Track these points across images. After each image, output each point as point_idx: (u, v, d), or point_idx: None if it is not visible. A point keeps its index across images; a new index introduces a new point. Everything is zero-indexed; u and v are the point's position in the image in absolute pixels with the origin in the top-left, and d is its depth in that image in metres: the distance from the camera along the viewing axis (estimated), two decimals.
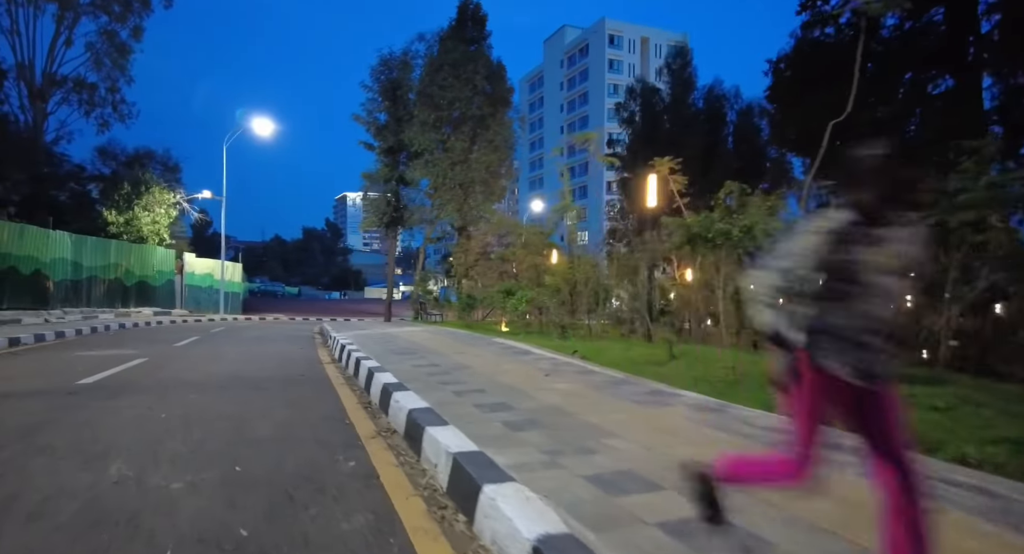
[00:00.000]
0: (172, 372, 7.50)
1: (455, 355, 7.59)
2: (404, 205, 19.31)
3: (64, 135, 29.88)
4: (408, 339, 10.46)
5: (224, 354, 10.09)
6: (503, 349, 8.19)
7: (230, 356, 9.79)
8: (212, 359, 9.13)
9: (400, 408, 4.42)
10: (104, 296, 23.18)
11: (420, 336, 11.11)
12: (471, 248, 18.21)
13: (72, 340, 12.78)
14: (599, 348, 8.21)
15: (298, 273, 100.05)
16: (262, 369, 7.92)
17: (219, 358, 9.33)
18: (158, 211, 27.47)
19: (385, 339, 10.76)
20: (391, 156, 19.34)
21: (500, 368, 6.24)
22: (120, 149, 30.61)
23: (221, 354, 10.07)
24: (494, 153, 18.57)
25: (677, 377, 5.74)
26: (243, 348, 11.32)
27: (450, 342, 9.68)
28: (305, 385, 6.48)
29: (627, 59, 73.77)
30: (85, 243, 22.20)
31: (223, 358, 9.36)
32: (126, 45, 30.74)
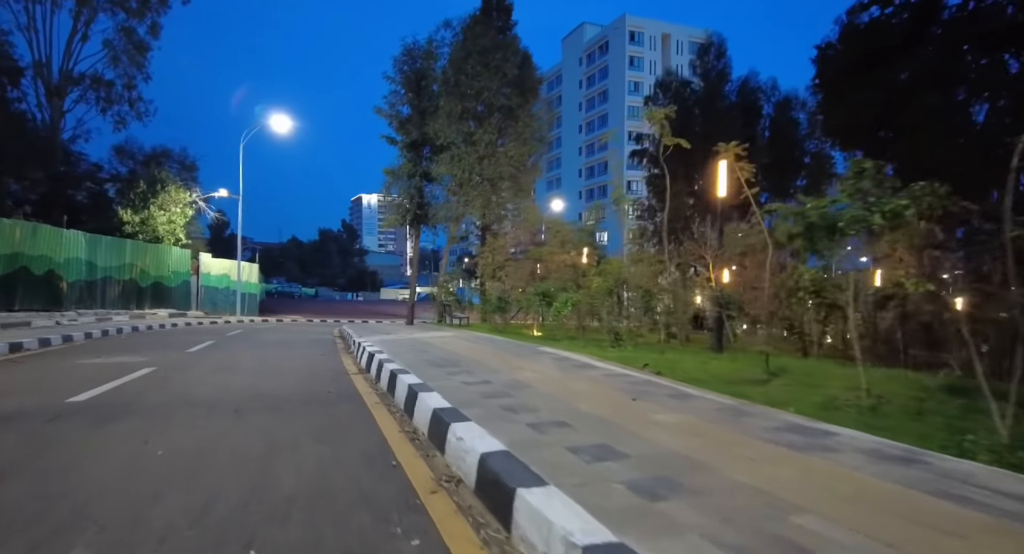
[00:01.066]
0: (180, 386, 6.52)
1: (506, 369, 6.50)
2: (428, 202, 18.31)
3: (81, 134, 29.49)
4: (442, 346, 9.41)
5: (240, 362, 9.13)
6: (558, 361, 7.09)
7: (246, 365, 8.82)
8: (226, 369, 8.16)
9: (465, 449, 3.35)
10: (119, 297, 22.53)
11: (455, 343, 10.06)
12: (498, 247, 17.16)
13: (80, 345, 11.95)
14: (668, 361, 7.09)
15: (315, 274, 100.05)
16: (282, 382, 6.92)
17: (234, 368, 8.36)
18: (174, 210, 26.86)
19: (416, 346, 9.72)
20: (414, 151, 18.35)
21: (570, 388, 5.14)
22: (137, 148, 30.11)
23: (236, 362, 9.11)
24: (523, 146, 17.48)
25: (796, 401, 4.60)
26: (260, 355, 10.36)
27: (492, 351, 8.60)
28: (334, 406, 5.45)
29: (648, 56, 72.30)
30: (100, 243, 21.55)
31: (239, 368, 8.38)
32: (144, 42, 30.26)
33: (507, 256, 16.83)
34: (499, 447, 3.22)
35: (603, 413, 4.10)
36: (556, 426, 3.78)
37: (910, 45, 17.73)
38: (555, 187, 74.94)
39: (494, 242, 17.62)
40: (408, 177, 17.70)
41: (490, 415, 4.13)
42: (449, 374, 5.98)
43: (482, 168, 16.84)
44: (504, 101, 16.81)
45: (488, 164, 16.91)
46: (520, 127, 17.29)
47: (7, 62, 25.80)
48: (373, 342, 10.27)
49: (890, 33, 18.14)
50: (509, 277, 16.10)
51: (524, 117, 17.37)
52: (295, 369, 8.38)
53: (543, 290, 11.89)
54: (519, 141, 17.38)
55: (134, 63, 29.88)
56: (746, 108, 26.46)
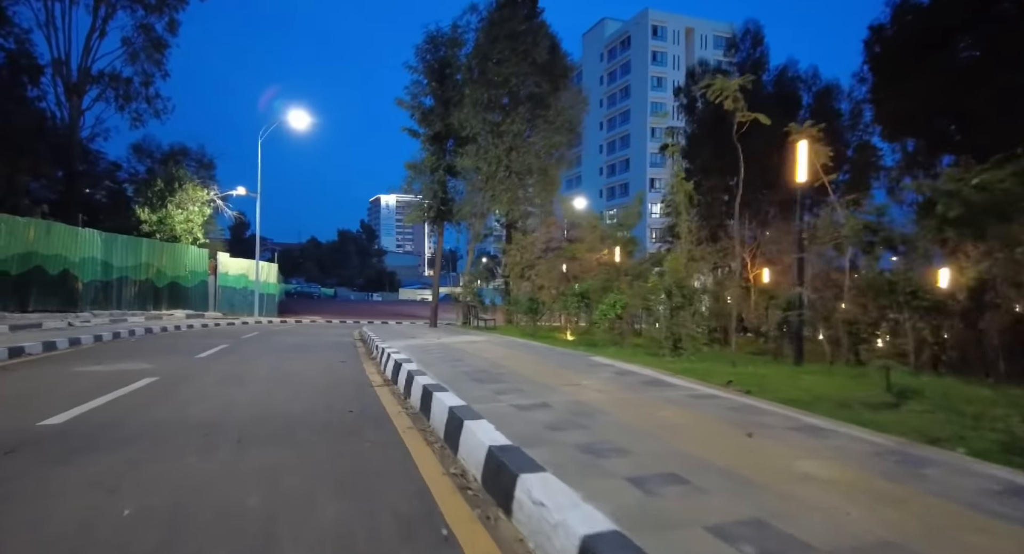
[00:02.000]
0: (179, 403, 5.59)
1: (562, 385, 5.43)
2: (451, 198, 17.34)
3: (100, 132, 29.11)
4: (477, 354, 8.39)
5: (252, 371, 8.22)
6: (620, 376, 5.99)
7: (259, 374, 7.91)
8: (236, 380, 7.24)
9: (551, 522, 2.31)
10: (135, 298, 21.99)
11: (489, 349, 9.03)
12: (527, 244, 16.12)
13: (87, 349, 11.19)
14: (750, 375, 5.96)
15: (334, 274, 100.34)
16: (297, 397, 5.95)
17: (245, 378, 7.44)
18: (191, 209, 26.33)
19: (447, 354, 8.71)
20: (437, 143, 17.38)
21: (655, 417, 4.05)
22: (155, 146, 29.72)
23: (249, 371, 8.20)
24: (553, 136, 16.39)
25: (960, 438, 3.48)
26: (275, 362, 9.45)
27: (535, 360, 7.53)
28: (359, 433, 4.45)
29: (671, 51, 70.65)
30: (115, 242, 21.01)
31: (250, 377, 7.46)
32: (162, 39, 29.82)
33: (538, 254, 15.79)
34: (605, 525, 2.17)
35: (722, 459, 3.02)
36: (669, 482, 2.70)
37: (976, 23, 16.28)
38: (575, 185, 73.63)
39: (522, 239, 16.58)
40: (431, 171, 16.73)
41: (567, 460, 3.08)
42: (496, 393, 4.93)
43: (509, 160, 15.78)
44: (533, 88, 15.73)
45: (516, 156, 15.84)
46: (550, 116, 16.20)
47: (27, 60, 25.52)
48: (398, 348, 9.29)
49: (952, 11, 16.68)
50: (539, 276, 15.03)
51: (554, 106, 16.29)
52: (312, 379, 7.42)
53: (583, 290, 10.78)
54: (549, 131, 16.29)
55: (152, 60, 29.45)
56: (784, 98, 25.00)
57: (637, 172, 68.31)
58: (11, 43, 25.06)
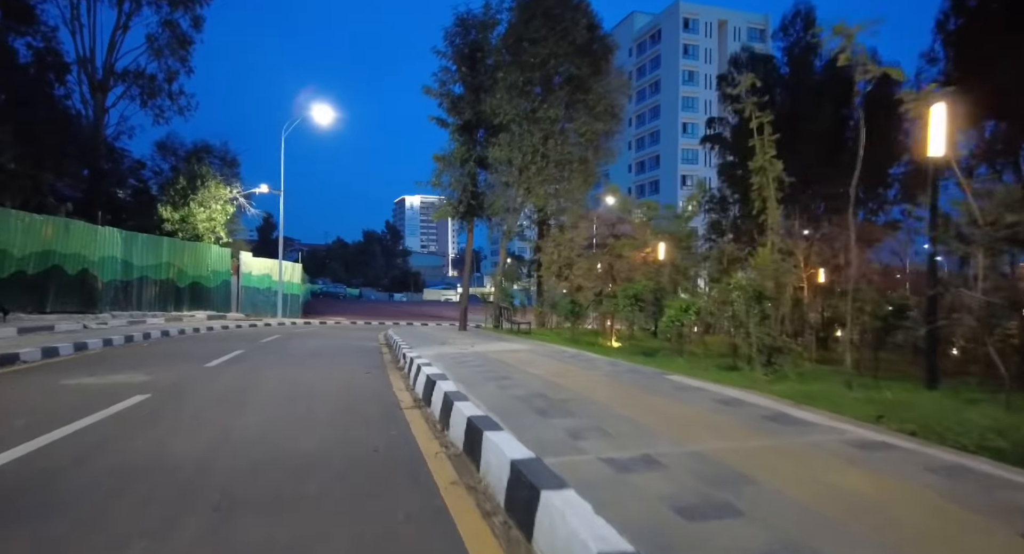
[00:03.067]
0: (160, 435, 4.45)
1: (660, 423, 4.00)
2: (482, 192, 16.13)
3: (125, 130, 28.79)
4: (524, 368, 7.09)
5: (261, 384, 7.10)
6: (727, 407, 4.49)
7: (268, 389, 6.78)
8: (239, 398, 6.11)
9: None
10: (156, 298, 21.34)
11: (537, 362, 7.70)
12: (564, 241, 14.79)
13: (92, 355, 10.28)
14: (890, 404, 4.55)
15: (359, 275, 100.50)
16: (309, 426, 4.76)
17: (252, 395, 6.32)
18: (214, 207, 25.69)
19: (488, 366, 7.44)
20: (467, 134, 16.17)
21: (842, 493, 2.64)
22: (179, 143, 29.25)
23: (257, 384, 7.08)
24: (595, 122, 15.01)
25: None
26: (290, 373, 8.33)
27: (601, 379, 6.06)
28: (387, 493, 3.22)
29: (703, 44, 68.40)
30: (136, 241, 20.37)
31: (256, 395, 6.33)
32: (186, 35, 29.40)
33: (579, 251, 14.45)
34: None
35: None
36: None
37: None
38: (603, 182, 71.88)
39: (559, 236, 15.26)
40: (461, 163, 15.51)
41: None
42: (571, 436, 3.61)
43: (546, 149, 14.44)
44: (572, 70, 14.38)
45: (554, 144, 14.50)
46: (590, 100, 14.83)
47: (54, 58, 25.21)
48: (428, 357, 8.08)
49: None
50: (578, 276, 13.69)
51: (594, 89, 14.93)
52: (330, 397, 6.25)
53: (635, 291, 9.40)
54: (589, 117, 14.92)
55: (176, 57, 29.01)
56: (837, 85, 23.14)
57: (668, 169, 66.27)
58: (39, 41, 24.78)
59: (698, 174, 65.43)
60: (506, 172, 15.13)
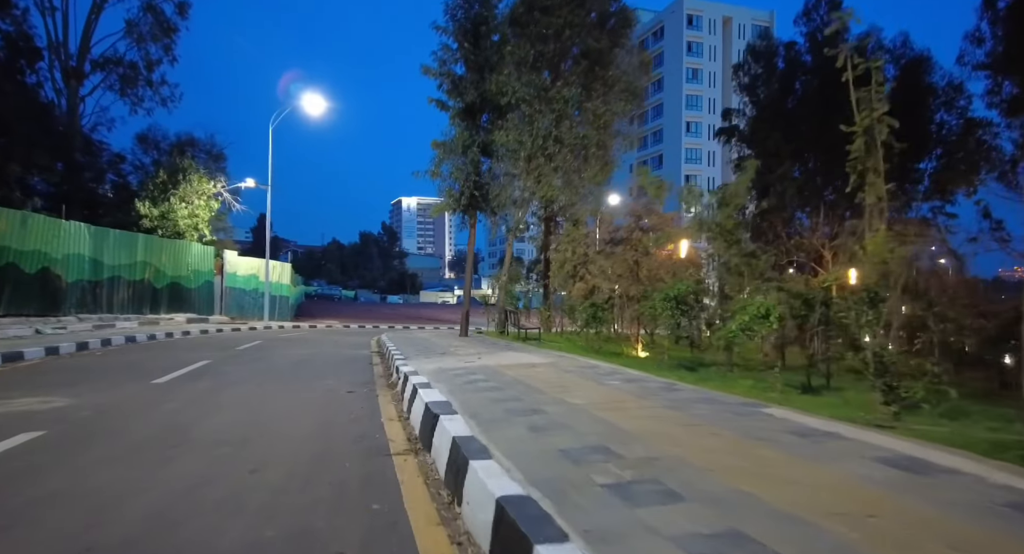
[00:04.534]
0: (3, 520, 2.78)
1: (837, 523, 2.46)
2: (486, 182, 14.47)
3: (104, 122, 27.04)
4: (557, 396, 5.31)
5: (211, 415, 5.42)
6: (911, 474, 2.86)
7: (217, 422, 5.11)
8: (169, 441, 4.45)
9: None
10: (129, 300, 19.59)
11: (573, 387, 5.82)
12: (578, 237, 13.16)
13: (23, 366, 8.62)
14: None
15: (355, 276, 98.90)
16: (246, 502, 3.10)
17: (188, 435, 4.65)
18: (197, 203, 23.95)
19: (507, 391, 5.73)
20: (470, 118, 14.52)
21: None
22: (161, 135, 27.58)
23: (205, 415, 5.41)
24: (615, 102, 13.36)
25: None
26: (255, 395, 6.66)
27: (676, 417, 4.26)
28: None
29: (708, 41, 66.96)
30: (107, 237, 18.61)
31: (193, 436, 4.66)
32: (171, 22, 27.66)
33: (599, 247, 12.82)
34: None
35: None
36: None
37: None
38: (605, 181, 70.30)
39: (574, 231, 13.62)
40: (463, 150, 13.84)
41: None
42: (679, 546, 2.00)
43: (559, 132, 12.78)
44: (592, 43, 12.71)
45: (567, 127, 12.84)
46: (610, 77, 13.18)
47: (25, 42, 23.48)
48: (427, 374, 6.43)
49: None
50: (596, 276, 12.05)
51: (613, 66, 13.30)
52: (296, 438, 4.58)
53: (677, 293, 7.75)
54: (607, 96, 13.27)
55: (160, 44, 27.27)
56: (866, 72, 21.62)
57: (671, 168, 64.67)
58: (8, 24, 23.04)
59: (703, 174, 63.98)
60: (514, 159, 13.47)
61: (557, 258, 14.02)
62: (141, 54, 26.06)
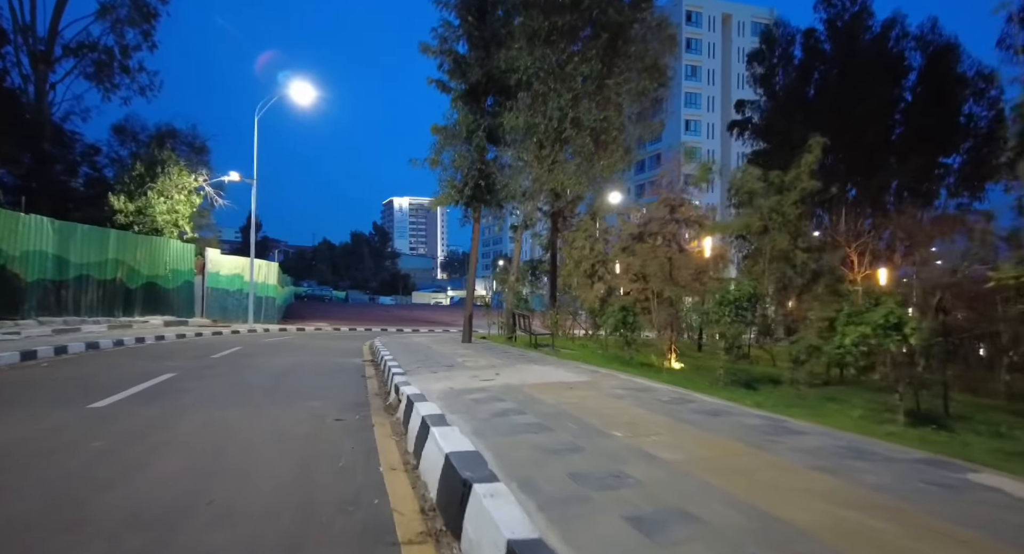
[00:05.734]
0: None
1: None
2: (492, 172, 13.03)
3: (77, 111, 25.37)
4: (626, 439, 3.69)
5: (147, 466, 3.95)
6: None
7: (153, 476, 3.65)
8: (57, 518, 2.97)
9: None
10: (99, 301, 17.97)
11: (645, 425, 4.35)
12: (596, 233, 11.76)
13: None
14: None
15: (347, 277, 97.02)
16: None
17: (90, 507, 3.18)
18: (177, 197, 22.33)
19: (559, 436, 4.13)
20: (474, 101, 13.10)
21: None
22: (140, 127, 25.88)
23: (132, 468, 3.94)
24: (639, 79, 11.93)
25: None
26: (218, 426, 5.21)
27: (826, 486, 2.78)
28: None
29: (707, 38, 65.89)
30: (74, 233, 17.00)
31: (105, 502, 3.20)
32: (151, 7, 26.02)
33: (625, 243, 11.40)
34: None
35: None
36: None
37: None
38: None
39: (590, 226, 12.23)
40: (467, 135, 12.40)
41: None
42: None
43: (578, 113, 11.34)
44: (614, 16, 11.30)
45: (586, 107, 11.38)
46: (633, 52, 11.76)
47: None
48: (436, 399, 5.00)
49: None
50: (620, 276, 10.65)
51: (637, 39, 11.90)
52: (256, 504, 3.14)
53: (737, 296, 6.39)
54: (631, 73, 11.83)
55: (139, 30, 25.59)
56: (889, 61, 20.42)
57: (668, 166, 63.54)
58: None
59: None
60: (524, 145, 12.03)
61: (573, 256, 12.63)
62: (117, 39, 24.38)
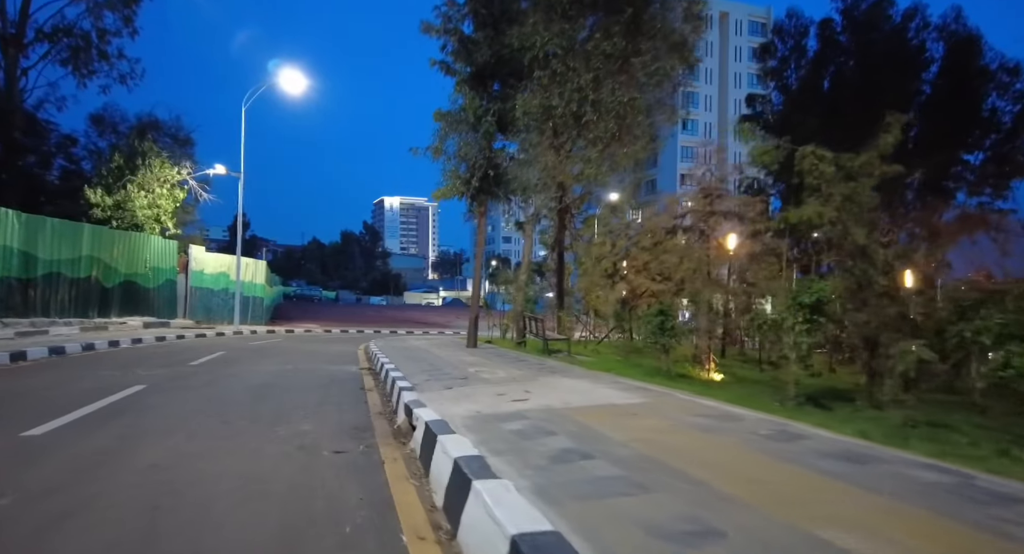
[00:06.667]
0: None
1: None
2: (501, 162, 11.92)
3: (52, 100, 23.86)
4: (762, 507, 2.70)
5: (65, 542, 2.79)
6: None
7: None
8: None
9: None
10: (72, 301, 16.65)
11: (781, 485, 3.23)
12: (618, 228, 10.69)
13: None
14: None
15: (336, 277, 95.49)
16: None
17: None
18: (159, 191, 21.01)
19: (659, 494, 2.99)
20: (481, 85, 12.02)
21: None
22: (120, 117, 24.45)
23: (35, 549, 2.78)
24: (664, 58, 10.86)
25: None
26: (181, 456, 4.09)
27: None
28: None
29: (704, 36, 65.20)
30: (43, 227, 15.67)
31: None
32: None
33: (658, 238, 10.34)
34: None
35: None
36: None
37: None
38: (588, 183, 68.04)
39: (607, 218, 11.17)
40: (474, 120, 11.30)
41: None
42: None
43: (600, 94, 10.25)
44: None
45: (609, 88, 10.27)
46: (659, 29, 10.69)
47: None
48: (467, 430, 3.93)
49: None
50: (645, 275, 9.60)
51: (660, 17, 10.88)
52: None
53: (816, 299, 5.31)
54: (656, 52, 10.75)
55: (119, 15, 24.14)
56: (909, 52, 19.58)
57: (666, 167, 62.70)
58: None
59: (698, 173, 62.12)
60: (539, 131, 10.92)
61: (592, 253, 11.56)
62: (94, 23, 22.92)
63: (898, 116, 6.59)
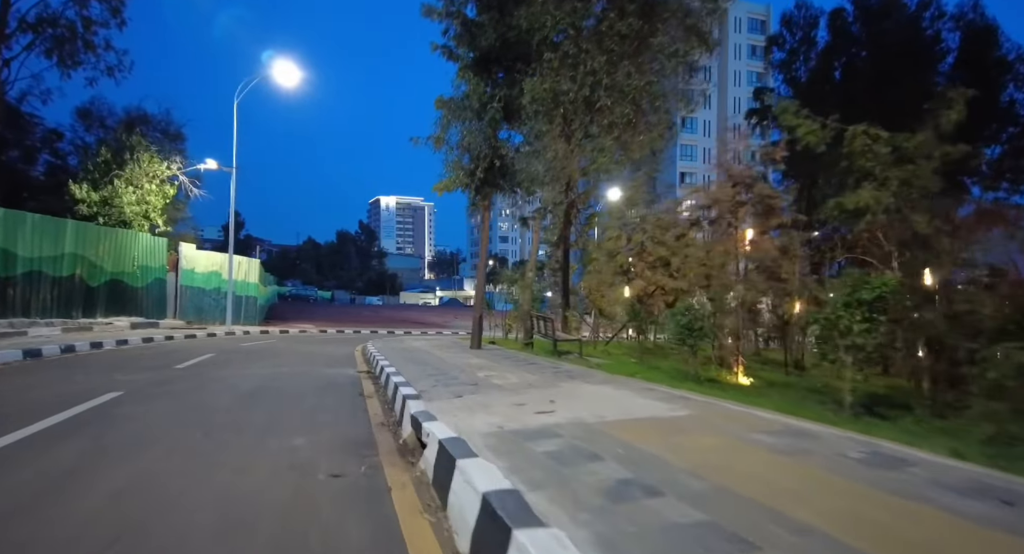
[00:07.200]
0: None
1: None
2: (507, 153, 11.26)
3: (37, 93, 23.01)
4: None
5: None
6: None
7: None
8: None
9: None
10: (54, 301, 15.85)
11: (852, 502, 2.64)
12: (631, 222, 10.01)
13: None
14: None
15: (332, 277, 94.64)
16: None
17: None
18: (148, 187, 20.22)
19: (737, 529, 2.44)
20: (485, 71, 11.35)
21: None
22: (108, 111, 23.68)
23: None
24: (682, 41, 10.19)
25: None
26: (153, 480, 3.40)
27: None
28: None
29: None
30: (22, 223, 14.89)
31: None
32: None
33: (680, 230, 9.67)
34: None
35: None
36: None
37: None
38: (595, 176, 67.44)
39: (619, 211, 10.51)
40: (479, 107, 10.64)
41: None
42: None
43: (614, 79, 9.58)
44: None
45: (624, 71, 9.60)
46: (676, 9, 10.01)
47: None
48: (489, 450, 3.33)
49: None
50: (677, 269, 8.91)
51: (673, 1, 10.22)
52: None
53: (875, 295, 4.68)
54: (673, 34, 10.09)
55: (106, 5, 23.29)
56: (924, 42, 19.04)
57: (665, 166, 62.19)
58: None
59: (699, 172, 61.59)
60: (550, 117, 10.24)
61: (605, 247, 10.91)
62: (79, 11, 22.08)
63: (962, 91, 5.96)
